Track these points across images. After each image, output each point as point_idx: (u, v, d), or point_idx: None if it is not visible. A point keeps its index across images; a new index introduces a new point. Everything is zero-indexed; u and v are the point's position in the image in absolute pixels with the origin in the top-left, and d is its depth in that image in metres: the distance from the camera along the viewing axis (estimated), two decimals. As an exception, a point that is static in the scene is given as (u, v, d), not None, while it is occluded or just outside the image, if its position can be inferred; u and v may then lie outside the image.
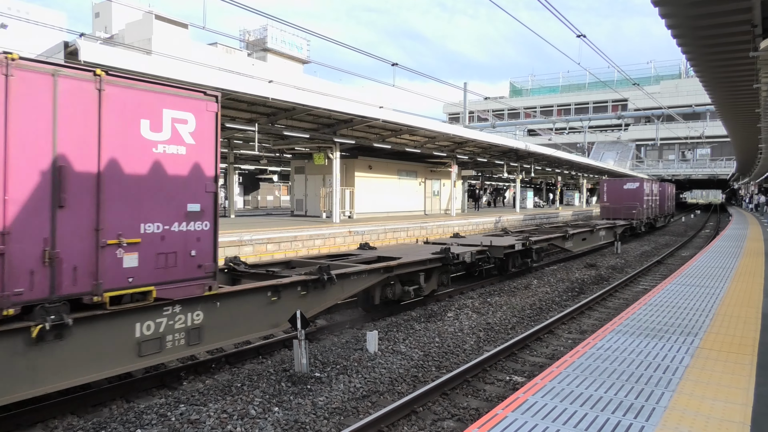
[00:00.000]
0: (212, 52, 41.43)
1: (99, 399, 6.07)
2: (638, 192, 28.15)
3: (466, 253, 11.58)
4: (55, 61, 5.16)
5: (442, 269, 11.07)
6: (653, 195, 31.58)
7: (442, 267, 10.99)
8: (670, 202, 40.56)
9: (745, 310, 7.47)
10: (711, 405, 4.08)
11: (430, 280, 10.80)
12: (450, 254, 10.92)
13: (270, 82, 14.93)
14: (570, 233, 18.03)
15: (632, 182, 28.92)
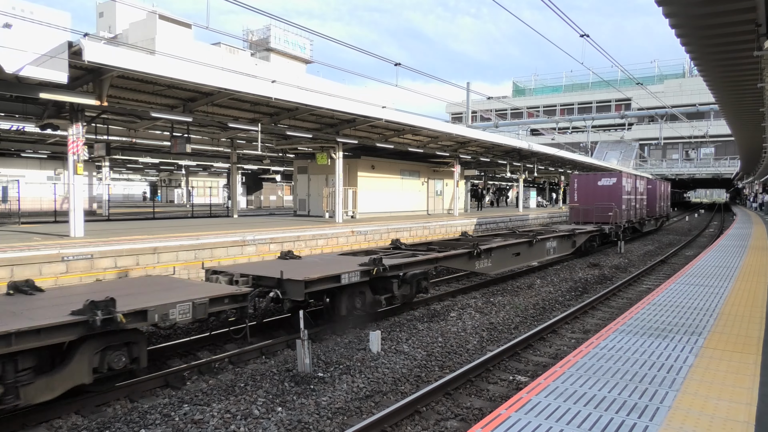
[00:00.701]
0: (215, 51, 41.48)
1: (103, 399, 6.09)
2: (615, 189, 23.53)
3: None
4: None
5: None
6: (637, 194, 27.27)
7: None
8: (664, 202, 36.00)
9: (749, 309, 7.45)
10: (715, 404, 4.07)
11: None
12: None
13: (273, 82, 14.93)
14: (482, 249, 12.32)
15: (608, 177, 24.12)
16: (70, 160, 13.23)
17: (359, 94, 48.92)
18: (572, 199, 24.42)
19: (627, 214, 24.32)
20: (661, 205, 34.48)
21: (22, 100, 13.80)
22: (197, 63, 14.60)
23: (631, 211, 25.31)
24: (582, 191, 24.19)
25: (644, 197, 28.80)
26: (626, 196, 24.10)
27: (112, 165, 30.84)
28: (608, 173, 24.40)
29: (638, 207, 27.21)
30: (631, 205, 25.53)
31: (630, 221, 25.35)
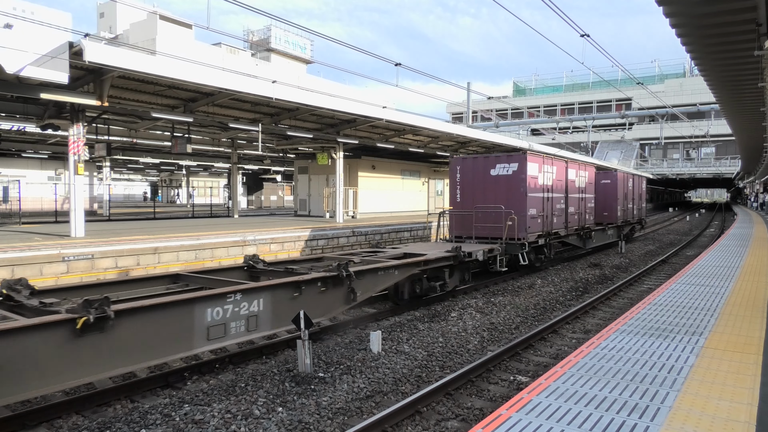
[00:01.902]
0: (216, 52, 41.48)
1: (104, 399, 6.09)
2: (516, 182, 14.61)
3: None
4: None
5: None
6: (571, 190, 17.94)
7: None
8: (634, 204, 26.33)
9: (750, 309, 7.44)
10: (716, 404, 4.07)
11: None
12: None
13: (273, 82, 14.94)
14: None
15: (506, 162, 14.84)
16: (70, 160, 13.23)
17: (360, 94, 48.92)
18: (453, 198, 15.69)
19: (544, 223, 15.68)
20: (628, 208, 24.72)
21: (23, 100, 13.81)
22: (198, 63, 14.60)
23: (554, 218, 16.40)
24: (468, 185, 15.39)
25: (587, 196, 19.59)
26: (539, 194, 15.37)
27: (112, 165, 30.86)
28: (507, 155, 14.96)
29: (575, 211, 18.26)
30: (555, 208, 16.38)
31: (551, 233, 16.19)
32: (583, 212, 19.25)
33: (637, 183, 27.82)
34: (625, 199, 24.33)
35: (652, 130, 72.18)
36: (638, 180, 28.21)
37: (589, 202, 20.02)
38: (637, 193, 27.31)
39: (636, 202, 27.07)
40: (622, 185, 23.77)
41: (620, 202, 23.50)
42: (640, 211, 28.58)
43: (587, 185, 19.76)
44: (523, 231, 14.35)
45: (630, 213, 25.57)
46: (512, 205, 14.42)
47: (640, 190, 28.52)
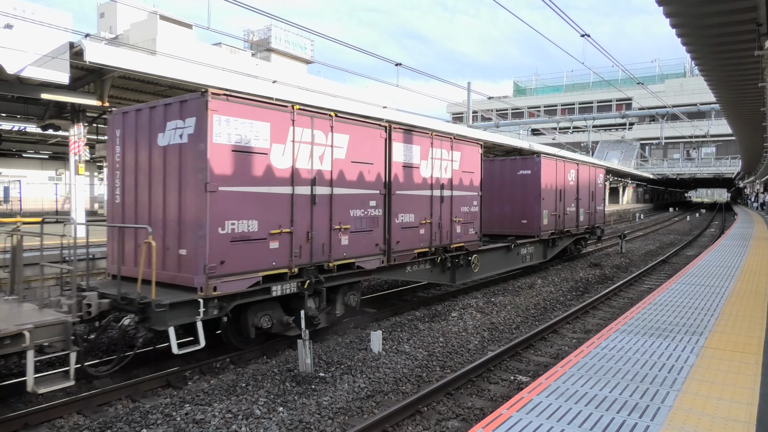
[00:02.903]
0: (217, 52, 41.49)
1: (105, 399, 6.10)
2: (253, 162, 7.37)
3: None
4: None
5: None
6: (435, 185, 10.93)
7: None
8: (586, 205, 19.05)
9: (750, 309, 7.44)
10: (716, 404, 4.07)
11: None
12: None
13: (274, 82, 14.95)
14: None
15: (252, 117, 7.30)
16: (71, 160, 13.25)
17: (360, 94, 48.92)
18: (110, 199, 9.44)
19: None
20: (567, 212, 17.30)
21: (24, 100, 13.82)
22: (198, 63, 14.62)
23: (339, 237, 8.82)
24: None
25: (458, 194, 11.69)
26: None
27: (113, 165, 30.75)
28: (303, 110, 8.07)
29: (418, 220, 10.48)
30: (360, 215, 9.10)
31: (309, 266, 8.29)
32: (446, 220, 11.14)
33: (588, 176, 19.10)
34: (560, 198, 16.61)
35: (652, 130, 72.20)
36: (591, 172, 19.44)
37: (462, 202, 11.72)
38: (587, 191, 19.01)
39: (586, 204, 18.89)
40: (552, 178, 16.11)
41: (550, 204, 15.91)
42: (593, 216, 19.62)
43: (457, 174, 11.56)
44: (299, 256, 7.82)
45: (573, 220, 17.74)
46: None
47: (594, 186, 19.65)
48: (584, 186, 18.81)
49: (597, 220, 20.25)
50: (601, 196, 20.72)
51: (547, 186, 15.75)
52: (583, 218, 18.67)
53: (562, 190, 16.87)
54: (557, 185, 16.54)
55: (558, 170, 16.66)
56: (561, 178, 16.87)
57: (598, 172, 20.44)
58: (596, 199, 20.06)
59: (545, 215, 15.63)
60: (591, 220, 19.55)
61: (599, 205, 20.53)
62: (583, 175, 18.68)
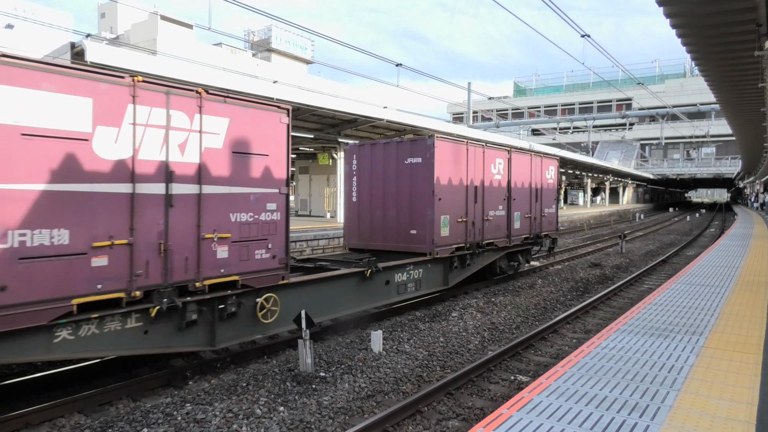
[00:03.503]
0: (217, 52, 41.53)
1: (106, 398, 6.11)
2: None
3: None
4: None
5: None
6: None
7: None
8: (532, 206, 14.26)
9: (750, 309, 7.46)
10: (716, 404, 4.08)
11: None
12: None
13: (274, 82, 14.97)
14: None
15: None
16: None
17: (360, 94, 48.95)
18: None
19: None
20: (493, 218, 12.50)
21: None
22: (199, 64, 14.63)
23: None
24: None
25: (253, 192, 7.06)
26: None
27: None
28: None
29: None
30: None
31: None
32: (183, 240, 6.34)
33: (529, 168, 13.97)
34: (475, 198, 11.65)
35: (652, 130, 72.28)
36: (534, 163, 14.23)
37: (229, 205, 6.85)
38: (526, 188, 13.91)
39: (525, 205, 13.80)
40: (458, 168, 11.17)
41: (455, 206, 11.07)
42: (537, 221, 14.41)
43: (217, 158, 6.77)
44: None
45: (501, 228, 12.73)
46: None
47: (540, 182, 14.61)
48: (521, 182, 13.61)
49: (545, 227, 14.95)
50: (552, 196, 15.44)
51: (447, 180, 10.74)
52: (520, 225, 13.56)
53: (478, 187, 11.74)
54: (469, 179, 11.40)
55: (470, 158, 11.45)
56: (475, 170, 11.65)
57: (546, 164, 15.03)
58: (544, 200, 14.82)
59: (444, 222, 10.64)
60: (534, 227, 14.28)
61: (549, 206, 15.21)
62: (519, 167, 13.46)
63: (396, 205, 10.95)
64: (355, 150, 11.68)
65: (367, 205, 11.42)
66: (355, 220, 11.67)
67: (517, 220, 13.49)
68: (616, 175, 57.22)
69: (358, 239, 11.62)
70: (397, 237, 10.94)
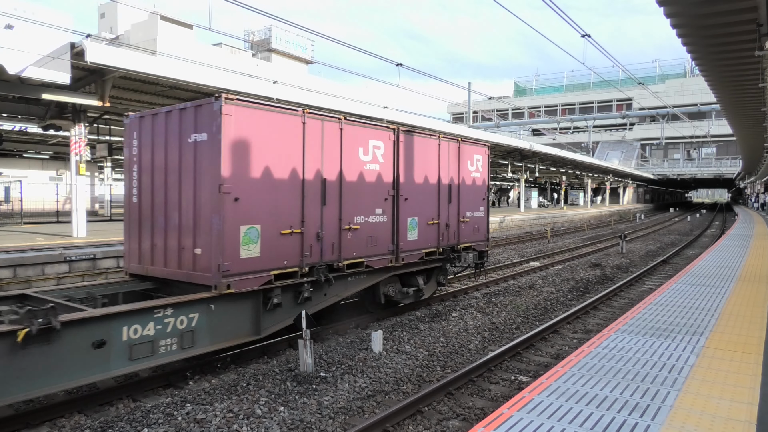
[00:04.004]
0: (217, 52, 41.53)
1: (106, 398, 6.11)
2: None
3: None
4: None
5: None
6: None
7: None
8: (443, 213, 10.49)
9: (750, 309, 7.45)
10: (717, 404, 4.08)
11: None
12: None
13: (275, 82, 14.97)
14: None
15: None
16: (72, 160, 13.28)
17: (360, 94, 48.96)
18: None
19: None
20: (363, 224, 8.71)
21: (25, 100, 13.85)
22: (199, 64, 14.64)
23: None
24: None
25: None
26: None
27: (114, 165, 30.90)
28: None
29: None
30: None
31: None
32: None
33: (436, 156, 10.41)
34: (335, 196, 8.25)
35: (653, 131, 72.27)
36: (450, 150, 10.80)
37: None
38: (439, 184, 10.50)
39: (430, 208, 10.29)
40: (280, 151, 7.34)
41: (289, 209, 7.51)
42: (453, 230, 10.93)
43: None
44: None
45: (383, 240, 9.19)
46: None
47: (459, 177, 11.06)
48: (423, 175, 9.99)
49: (467, 237, 11.26)
50: (479, 195, 11.65)
51: (260, 168, 7.10)
52: (418, 236, 9.85)
53: (331, 182, 8.11)
54: (309, 169, 7.74)
55: (311, 137, 7.75)
56: (326, 155, 8.01)
57: (469, 152, 11.29)
58: (464, 200, 11.11)
59: (251, 236, 6.96)
60: (447, 238, 10.65)
61: (474, 209, 11.47)
62: (418, 155, 9.84)
63: (179, 209, 7.17)
64: (136, 125, 7.79)
65: (149, 209, 7.62)
66: (135, 231, 7.82)
67: (413, 228, 9.72)
68: (617, 176, 57.23)
69: (138, 261, 7.77)
70: (179, 259, 7.14)
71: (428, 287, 10.87)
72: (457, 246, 11.00)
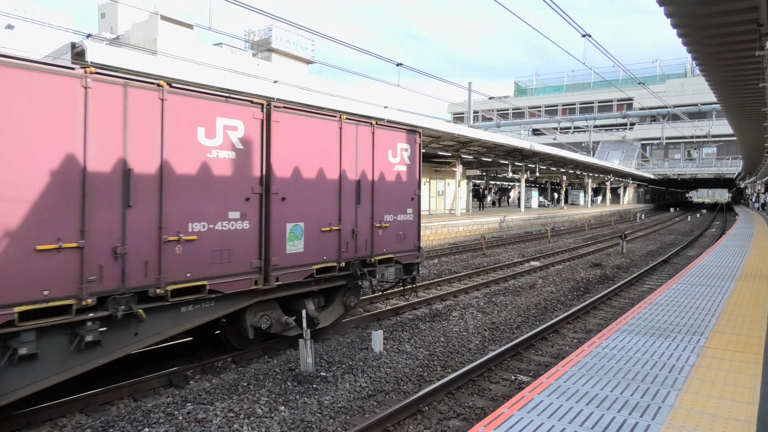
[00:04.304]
0: (217, 52, 41.55)
1: (107, 398, 6.11)
2: None
3: None
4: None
5: None
6: None
7: None
8: (350, 216, 8.14)
9: (751, 309, 7.45)
10: (717, 404, 4.09)
11: None
12: None
13: (275, 82, 14.98)
14: None
15: None
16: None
17: (360, 94, 48.98)
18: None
19: None
20: (200, 232, 6.22)
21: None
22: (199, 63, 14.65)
23: None
24: None
25: None
26: None
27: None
28: None
29: None
30: None
31: None
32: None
33: (340, 142, 7.94)
34: (151, 193, 5.82)
35: (653, 130, 72.25)
36: (350, 134, 8.17)
37: None
38: (341, 179, 8.01)
39: (336, 209, 7.97)
40: (60, 129, 5.11)
41: (55, 213, 5.08)
42: (365, 240, 8.46)
43: None
44: None
45: (248, 253, 6.78)
46: None
47: (373, 169, 8.61)
48: (322, 168, 7.76)
49: (385, 247, 8.85)
50: (405, 194, 9.37)
51: None
52: (308, 247, 7.54)
53: (139, 176, 5.76)
54: (89, 156, 5.36)
55: (93, 112, 5.39)
56: (135, 137, 5.73)
57: (389, 139, 8.94)
58: (380, 200, 8.73)
59: None
60: (358, 248, 8.34)
61: (399, 212, 9.16)
62: (315, 142, 7.65)
63: None
64: None
65: None
66: None
67: (296, 238, 7.29)
68: (617, 175, 57.22)
69: None
70: None
71: (328, 313, 8.39)
72: (370, 259, 8.51)
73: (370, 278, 8.67)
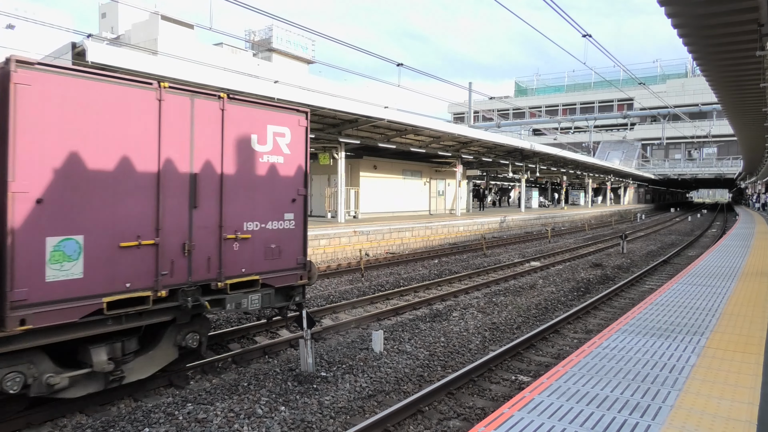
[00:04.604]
0: (218, 52, 41.56)
1: (107, 398, 6.11)
2: None
3: None
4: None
5: None
6: None
7: None
8: (181, 229, 5.99)
9: (751, 309, 7.45)
10: (717, 404, 4.08)
11: None
12: None
13: (275, 82, 14.98)
14: None
15: None
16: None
17: (361, 94, 48.98)
18: None
19: None
20: None
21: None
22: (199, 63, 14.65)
23: None
24: None
25: None
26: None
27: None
28: None
29: None
30: None
31: None
32: None
33: (177, 120, 5.98)
34: None
35: (654, 131, 72.19)
36: (184, 110, 6.04)
37: None
38: (161, 173, 5.81)
39: (153, 216, 5.78)
40: None
41: None
42: (208, 258, 6.31)
43: None
44: None
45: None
46: None
47: (236, 159, 6.57)
48: (129, 157, 5.59)
49: (246, 264, 6.73)
50: (283, 193, 7.18)
51: None
52: (94, 270, 5.30)
53: None
54: None
55: None
56: None
57: (257, 121, 6.84)
58: (239, 201, 6.65)
59: None
60: (196, 269, 6.20)
61: (271, 217, 7.02)
62: (117, 122, 5.48)
63: None
64: None
65: None
66: None
67: (68, 258, 5.11)
68: (618, 176, 57.21)
69: None
70: None
71: (149, 359, 6.11)
72: (216, 283, 6.41)
73: (218, 309, 6.45)
